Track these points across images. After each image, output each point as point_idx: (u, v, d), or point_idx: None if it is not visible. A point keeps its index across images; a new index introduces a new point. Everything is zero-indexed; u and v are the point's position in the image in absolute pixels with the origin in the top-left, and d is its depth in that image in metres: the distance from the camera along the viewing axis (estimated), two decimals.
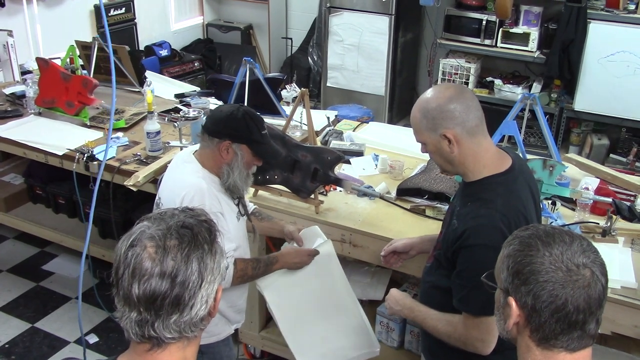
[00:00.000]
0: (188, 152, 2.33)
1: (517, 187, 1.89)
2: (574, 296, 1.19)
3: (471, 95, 1.90)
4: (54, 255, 4.28)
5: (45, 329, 3.62)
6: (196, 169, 2.22)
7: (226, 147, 2.18)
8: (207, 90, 4.26)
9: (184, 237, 1.18)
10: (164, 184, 2.30)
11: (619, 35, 4.94)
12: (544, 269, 1.20)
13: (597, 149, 5.29)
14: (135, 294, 1.16)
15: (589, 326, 1.21)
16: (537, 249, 1.23)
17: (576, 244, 1.23)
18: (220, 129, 2.19)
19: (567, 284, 1.19)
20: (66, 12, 5.31)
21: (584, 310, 1.19)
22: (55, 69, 3.74)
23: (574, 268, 1.20)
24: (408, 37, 6.11)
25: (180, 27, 6.70)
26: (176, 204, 2.10)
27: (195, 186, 2.17)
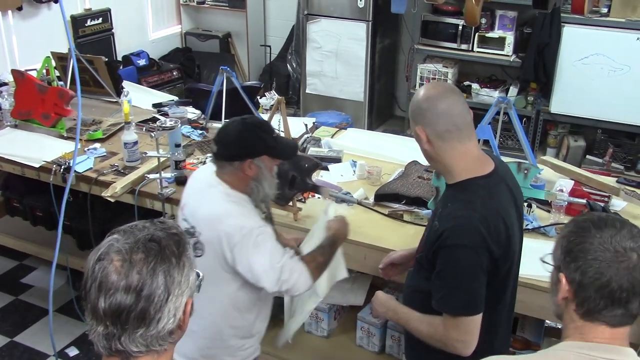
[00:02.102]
0: (210, 174, 2.25)
1: (498, 190, 1.90)
2: (619, 275, 1.28)
3: (452, 101, 1.89)
4: (33, 268, 4.25)
5: (25, 342, 3.59)
6: (227, 192, 2.17)
7: (248, 165, 2.15)
8: (185, 100, 4.25)
9: (150, 251, 1.18)
10: (198, 213, 2.20)
11: (592, 39, 5.02)
12: (593, 249, 1.31)
13: (573, 150, 5.35)
14: (101, 307, 1.16)
15: (632, 305, 1.30)
16: (589, 231, 1.33)
17: (626, 229, 1.32)
18: (236, 152, 2.16)
19: (613, 264, 1.29)
20: (42, 23, 5.27)
21: (627, 290, 1.28)
22: (31, 81, 3.72)
23: (621, 250, 1.29)
24: (386, 42, 6.15)
25: (158, 36, 6.68)
26: (221, 236, 2.10)
27: (236, 212, 2.14)
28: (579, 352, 1.32)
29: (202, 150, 3.58)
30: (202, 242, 2.16)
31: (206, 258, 2.15)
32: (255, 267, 2.11)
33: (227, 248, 2.11)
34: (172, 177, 3.19)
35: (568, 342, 1.35)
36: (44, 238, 3.94)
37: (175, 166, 3.20)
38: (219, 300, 2.21)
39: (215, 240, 2.12)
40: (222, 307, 2.23)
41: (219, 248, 2.12)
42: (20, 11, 5.10)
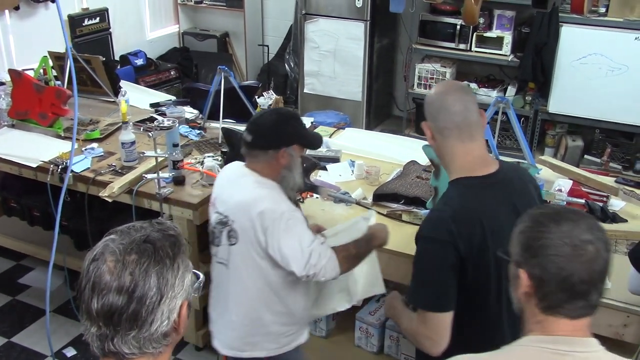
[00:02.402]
0: (239, 167, 2.33)
1: (487, 193, 1.88)
2: (579, 269, 1.30)
3: (454, 99, 1.89)
4: (30, 268, 4.23)
5: (22, 343, 3.57)
6: (258, 180, 2.23)
7: (282, 154, 2.22)
8: (183, 99, 4.24)
9: (144, 252, 1.17)
10: (230, 201, 2.25)
11: (590, 38, 5.01)
12: (552, 244, 1.31)
13: (572, 150, 5.35)
14: (94, 308, 1.15)
15: (592, 297, 1.32)
16: (547, 226, 1.33)
17: (583, 222, 1.34)
18: (272, 140, 2.23)
19: (572, 258, 1.30)
20: (39, 23, 5.25)
21: (587, 282, 1.30)
22: (28, 81, 3.71)
23: (579, 244, 1.30)
24: (384, 42, 6.14)
25: (156, 35, 6.66)
26: (254, 220, 2.14)
27: (268, 197, 2.20)
28: (541, 346, 1.33)
29: (199, 150, 3.57)
30: (236, 230, 2.21)
31: (241, 245, 2.21)
32: (285, 250, 2.15)
33: (260, 231, 2.15)
34: (169, 177, 3.19)
35: (530, 337, 1.36)
36: (41, 238, 3.92)
37: (172, 166, 3.19)
38: (256, 286, 2.25)
39: (249, 225, 2.17)
40: (259, 293, 2.26)
41: (252, 233, 2.17)
42: (18, 11, 5.08)
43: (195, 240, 3.16)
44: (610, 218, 2.81)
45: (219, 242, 2.29)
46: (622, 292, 2.31)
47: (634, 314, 2.31)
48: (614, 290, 2.36)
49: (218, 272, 2.35)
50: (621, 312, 2.33)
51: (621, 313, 2.33)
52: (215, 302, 2.42)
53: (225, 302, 2.33)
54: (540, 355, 1.32)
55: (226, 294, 2.32)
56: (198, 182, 3.23)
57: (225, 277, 2.31)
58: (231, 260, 2.26)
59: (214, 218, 2.32)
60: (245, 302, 2.27)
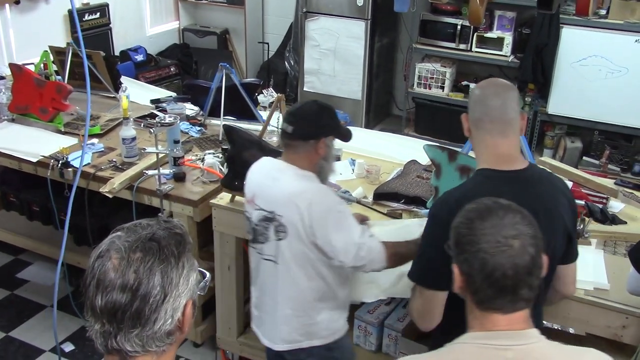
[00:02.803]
0: (274, 162, 2.36)
1: (502, 186, 1.86)
2: (502, 264, 1.31)
3: (493, 93, 1.91)
4: (29, 263, 4.23)
5: (20, 337, 3.57)
6: (300, 173, 2.25)
7: (322, 144, 2.25)
8: (183, 96, 4.23)
9: (149, 250, 1.17)
10: (274, 197, 2.24)
11: (590, 40, 5.03)
12: (477, 240, 1.34)
13: (570, 151, 5.36)
14: (98, 305, 1.15)
15: (521, 291, 1.33)
16: (474, 222, 1.36)
17: (509, 218, 1.35)
18: (314, 130, 2.25)
19: (496, 253, 1.32)
20: (40, 17, 5.25)
21: (512, 277, 1.31)
22: (29, 75, 3.70)
23: (502, 239, 1.32)
24: (384, 41, 6.14)
25: (156, 31, 6.66)
26: (303, 213, 2.15)
27: (315, 189, 2.23)
28: (478, 342, 1.34)
29: (200, 146, 3.57)
30: (285, 224, 2.21)
31: (290, 239, 2.21)
32: (335, 243, 2.18)
33: (309, 224, 2.16)
34: (170, 173, 3.19)
35: (470, 334, 1.38)
36: (40, 233, 3.92)
37: (173, 162, 3.19)
38: (307, 276, 2.26)
39: (297, 218, 2.17)
40: (311, 282, 2.27)
41: (300, 226, 2.18)
42: (18, 5, 5.08)
43: (195, 237, 3.16)
44: (609, 220, 2.82)
45: (265, 238, 2.28)
46: (621, 294, 2.32)
47: (633, 315, 2.31)
48: (612, 291, 2.38)
49: (265, 270, 2.34)
50: (620, 314, 2.33)
51: (620, 314, 2.33)
52: (261, 301, 2.41)
53: (275, 298, 2.33)
54: (480, 351, 1.34)
55: (276, 290, 2.32)
56: (199, 179, 3.23)
57: (273, 273, 2.30)
58: (280, 256, 2.26)
59: (255, 215, 2.31)
60: (298, 294, 2.29)
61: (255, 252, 2.39)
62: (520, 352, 1.32)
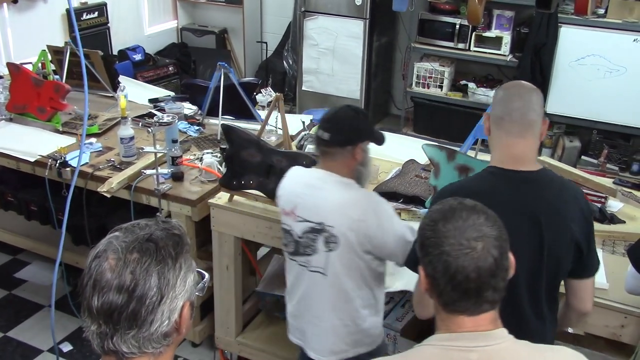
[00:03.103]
0: (312, 171, 2.37)
1: (503, 184, 1.87)
2: (465, 267, 1.29)
3: (516, 93, 1.92)
4: (27, 262, 4.22)
5: (18, 338, 3.56)
6: (342, 181, 2.24)
7: (359, 149, 2.24)
8: (182, 95, 4.22)
9: (146, 251, 1.16)
10: (323, 207, 2.21)
11: (589, 39, 5.03)
12: (439, 242, 1.32)
13: (569, 151, 5.36)
14: (94, 306, 1.14)
15: (485, 294, 1.31)
16: (437, 224, 1.35)
17: (472, 219, 1.33)
18: (351, 136, 2.23)
19: (459, 256, 1.30)
20: (38, 17, 5.24)
21: (475, 280, 1.30)
22: (27, 74, 3.70)
23: (465, 242, 1.30)
24: (382, 41, 6.14)
25: (154, 31, 6.65)
26: (357, 222, 2.14)
27: (365, 197, 2.23)
28: (444, 344, 1.34)
29: (198, 146, 3.56)
30: (336, 235, 2.19)
31: (341, 249, 2.19)
32: (391, 246, 2.19)
33: (363, 233, 2.16)
34: (168, 172, 3.18)
35: (435, 335, 1.37)
36: (38, 233, 3.92)
37: (171, 162, 3.18)
38: (356, 285, 2.25)
39: (350, 228, 2.16)
40: (358, 291, 2.26)
41: (354, 235, 2.16)
42: (16, 4, 5.07)
43: (193, 237, 3.15)
44: (608, 219, 2.82)
45: (313, 250, 2.24)
46: (619, 293, 2.32)
47: (632, 314, 2.31)
48: (611, 290, 2.37)
49: (310, 282, 2.30)
50: (619, 313, 2.33)
51: (619, 314, 2.33)
52: (306, 312, 2.37)
53: (322, 310, 2.30)
54: (444, 353, 1.33)
55: (323, 301, 2.29)
56: (197, 179, 3.22)
57: (321, 285, 2.27)
58: (330, 267, 2.23)
59: (299, 227, 2.27)
60: (347, 304, 2.26)
61: (296, 264, 2.33)
62: (484, 353, 1.31)
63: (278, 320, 3.37)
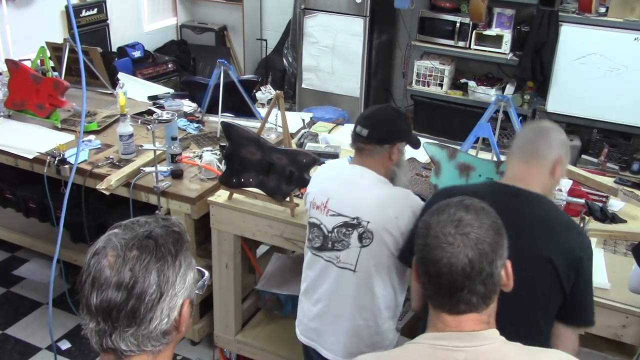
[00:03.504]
0: (347, 166, 2.35)
1: (492, 193, 1.84)
2: (438, 260, 1.29)
3: (537, 129, 2.00)
4: (25, 260, 4.21)
5: (16, 335, 3.55)
6: (379, 178, 2.24)
7: (396, 149, 2.24)
8: (181, 92, 4.21)
9: (145, 248, 1.15)
10: (360, 203, 2.20)
11: (590, 38, 5.01)
12: (424, 233, 1.34)
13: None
14: (93, 303, 1.13)
15: (459, 293, 1.29)
16: (431, 215, 1.36)
17: (459, 215, 1.32)
18: (390, 134, 2.23)
19: (435, 247, 1.30)
20: (36, 13, 5.22)
21: (446, 276, 1.29)
22: (26, 71, 3.68)
23: (442, 236, 1.30)
24: (383, 38, 6.12)
25: (154, 28, 6.62)
26: (394, 219, 2.15)
27: (403, 195, 2.23)
28: (433, 343, 1.33)
29: (198, 143, 3.55)
30: (372, 230, 2.18)
31: (374, 245, 2.19)
32: None
33: (398, 231, 2.16)
34: (167, 170, 3.17)
35: (425, 334, 1.37)
36: (37, 230, 3.90)
37: (171, 159, 3.17)
38: (383, 284, 2.24)
39: (388, 224, 2.16)
40: (384, 291, 2.25)
41: (390, 232, 2.16)
42: (14, 1, 5.04)
43: (192, 235, 3.14)
44: (609, 218, 2.80)
45: (345, 245, 2.22)
46: (621, 293, 2.31)
47: (633, 314, 2.30)
48: (613, 290, 2.36)
49: (338, 278, 2.27)
50: (620, 313, 2.32)
51: (620, 314, 2.32)
52: (327, 311, 2.33)
53: (345, 308, 2.27)
54: (432, 352, 1.32)
55: (348, 299, 2.26)
56: (196, 176, 3.21)
57: (349, 282, 2.24)
58: (360, 263, 2.21)
59: (330, 222, 2.24)
60: (372, 303, 2.24)
61: (322, 260, 2.30)
62: (473, 354, 1.29)
63: (277, 318, 3.37)
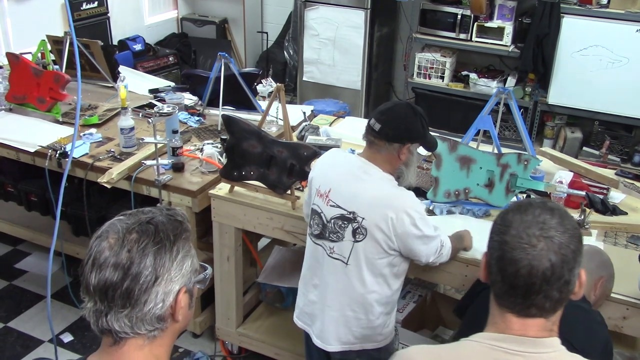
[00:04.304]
0: (354, 158, 2.32)
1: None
2: (518, 261, 1.25)
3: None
4: (27, 253, 4.22)
5: (19, 328, 3.57)
6: (383, 176, 2.22)
7: (406, 149, 2.20)
8: (182, 86, 4.21)
9: (144, 232, 1.18)
10: (359, 198, 2.20)
11: (591, 30, 4.99)
12: (503, 230, 1.29)
13: (570, 142, 5.35)
14: (92, 283, 1.17)
15: (534, 296, 1.26)
16: (509, 213, 1.31)
17: (544, 217, 1.27)
18: (402, 134, 2.19)
19: (515, 248, 1.25)
20: (37, 6, 5.20)
21: (524, 277, 1.25)
22: (26, 64, 3.68)
23: (526, 237, 1.25)
24: (384, 31, 6.11)
25: (155, 21, 6.61)
26: (390, 219, 2.13)
27: (403, 195, 2.20)
28: (490, 343, 1.29)
29: (199, 136, 3.55)
30: (365, 227, 2.18)
31: (368, 241, 2.19)
32: (421, 247, 2.21)
33: (393, 231, 2.15)
34: (169, 163, 3.17)
35: (483, 333, 1.33)
36: (38, 223, 3.91)
37: (172, 153, 3.17)
38: (375, 280, 2.25)
39: (382, 223, 2.15)
40: (376, 286, 2.26)
41: (384, 232, 2.16)
42: None
43: (194, 228, 3.15)
44: (610, 210, 2.80)
45: (340, 237, 2.23)
46: (621, 285, 2.31)
47: (634, 306, 2.31)
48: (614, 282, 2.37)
49: (330, 269, 2.29)
50: (620, 305, 2.32)
51: (620, 305, 2.33)
52: (319, 298, 2.36)
53: (337, 298, 2.30)
54: (489, 352, 1.29)
55: (339, 290, 2.29)
56: (197, 169, 3.21)
57: (341, 274, 2.26)
58: (352, 257, 2.22)
59: (329, 212, 2.25)
60: (363, 297, 2.26)
61: (319, 248, 2.32)
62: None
63: (278, 311, 3.38)
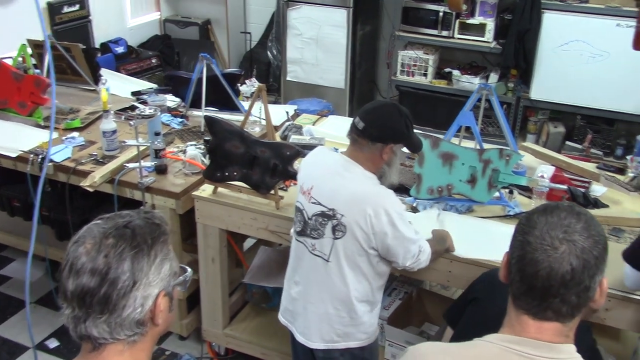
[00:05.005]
0: (337, 156, 2.32)
1: None
2: (538, 262, 1.24)
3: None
4: (11, 259, 4.18)
5: (4, 335, 3.54)
6: (366, 175, 2.22)
7: (389, 149, 2.20)
8: (164, 87, 4.19)
9: (121, 237, 1.17)
10: (339, 195, 2.20)
11: (572, 25, 5.03)
12: (527, 230, 1.28)
13: (553, 136, 5.38)
14: (69, 289, 1.16)
15: (551, 299, 1.25)
16: (534, 214, 1.30)
17: (569, 220, 1.26)
18: (384, 134, 2.19)
19: (537, 249, 1.24)
20: (18, 10, 5.16)
21: (544, 279, 1.23)
22: (7, 69, 3.65)
23: (549, 238, 1.24)
24: (366, 29, 6.12)
25: (137, 23, 6.57)
26: (368, 217, 2.13)
27: (382, 194, 2.20)
28: (505, 345, 1.28)
29: (182, 138, 3.54)
30: (344, 224, 2.18)
31: (346, 239, 2.19)
32: (398, 249, 2.20)
33: (371, 229, 2.15)
34: (152, 166, 3.16)
35: (498, 335, 1.32)
36: (22, 229, 3.88)
37: (155, 155, 3.16)
38: (355, 278, 2.25)
39: (361, 221, 2.15)
40: (357, 284, 2.26)
41: (362, 229, 2.16)
42: None
43: (178, 230, 3.14)
44: (592, 203, 2.83)
45: (320, 234, 2.24)
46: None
47: (616, 297, 2.33)
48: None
49: (312, 266, 2.30)
50: None
51: None
52: (302, 295, 2.37)
53: (319, 295, 2.31)
54: (503, 354, 1.28)
55: (321, 287, 2.30)
56: (181, 171, 3.20)
57: (322, 271, 2.27)
58: (333, 254, 2.23)
59: (310, 209, 2.26)
60: (345, 295, 2.27)
61: (301, 245, 2.34)
62: None
63: (265, 311, 3.38)
